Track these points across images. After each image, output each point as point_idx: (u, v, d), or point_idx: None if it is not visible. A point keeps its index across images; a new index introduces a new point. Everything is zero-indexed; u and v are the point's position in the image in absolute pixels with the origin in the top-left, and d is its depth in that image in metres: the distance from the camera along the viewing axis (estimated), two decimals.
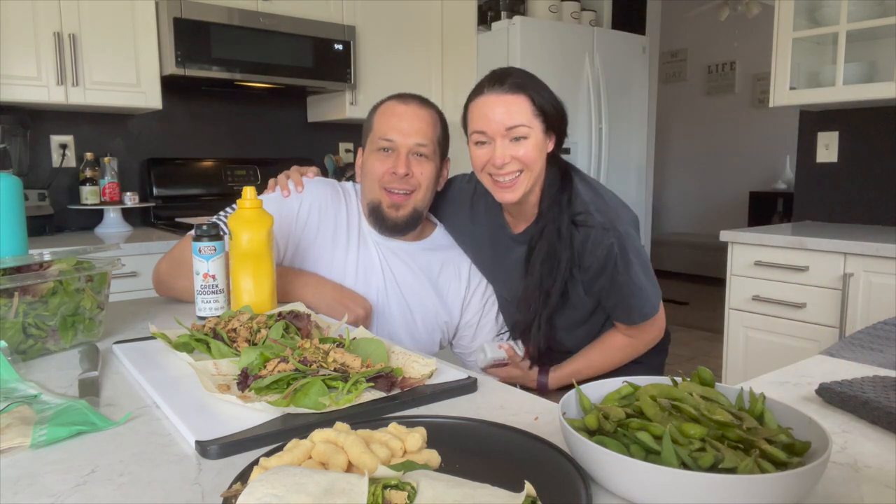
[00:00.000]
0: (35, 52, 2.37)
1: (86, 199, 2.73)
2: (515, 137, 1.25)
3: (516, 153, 1.25)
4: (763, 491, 0.50)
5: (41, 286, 0.97)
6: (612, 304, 1.35)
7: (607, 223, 1.28)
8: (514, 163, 1.26)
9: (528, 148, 1.25)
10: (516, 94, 1.25)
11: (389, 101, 1.42)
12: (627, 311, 1.34)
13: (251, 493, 0.46)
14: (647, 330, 1.39)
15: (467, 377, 0.87)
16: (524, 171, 1.27)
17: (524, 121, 1.24)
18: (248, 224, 1.15)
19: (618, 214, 1.30)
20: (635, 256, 1.29)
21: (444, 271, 1.48)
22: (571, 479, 0.56)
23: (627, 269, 1.28)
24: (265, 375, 0.79)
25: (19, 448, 0.68)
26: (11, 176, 1.11)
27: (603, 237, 1.27)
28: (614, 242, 1.27)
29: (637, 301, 1.32)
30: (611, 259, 1.27)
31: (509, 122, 1.24)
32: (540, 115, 1.26)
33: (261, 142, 3.31)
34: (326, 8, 3.02)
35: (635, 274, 1.29)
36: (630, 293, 1.31)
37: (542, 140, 1.27)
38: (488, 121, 1.25)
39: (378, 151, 1.38)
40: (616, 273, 1.28)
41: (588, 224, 1.28)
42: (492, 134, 1.26)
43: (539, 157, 1.28)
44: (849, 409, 0.77)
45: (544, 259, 1.31)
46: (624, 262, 1.28)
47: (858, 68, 2.59)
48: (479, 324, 1.51)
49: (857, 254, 2.27)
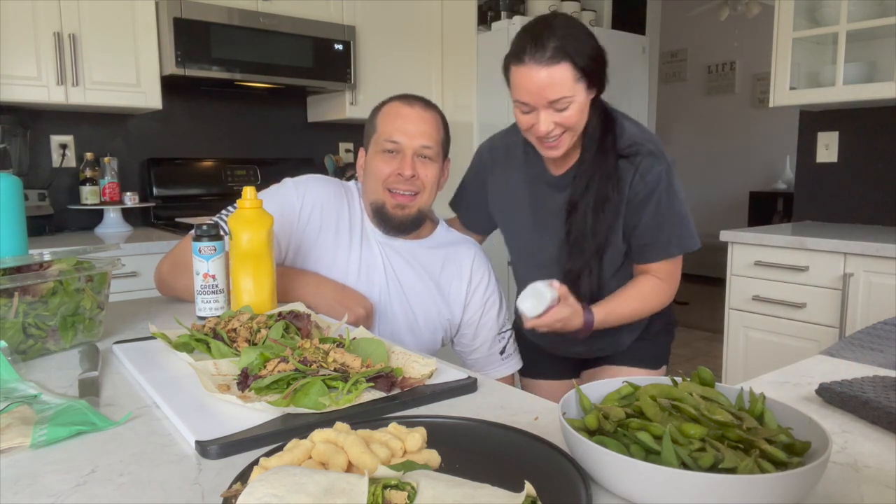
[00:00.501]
0: (35, 52, 2.37)
1: (86, 199, 2.73)
2: (559, 109, 1.25)
3: (559, 120, 1.26)
4: (763, 491, 0.50)
5: (41, 286, 0.97)
6: (650, 238, 1.35)
7: (657, 150, 1.32)
8: (557, 128, 1.27)
9: (571, 113, 1.26)
10: (558, 62, 1.22)
11: (393, 102, 1.42)
12: (665, 244, 1.35)
13: (251, 493, 0.46)
14: (676, 273, 1.41)
15: (467, 377, 0.87)
16: (567, 132, 1.29)
17: (567, 91, 1.24)
18: (248, 224, 1.15)
19: (663, 148, 1.35)
20: (679, 187, 1.34)
21: (446, 269, 1.48)
22: (571, 479, 0.56)
23: (673, 199, 1.32)
24: (265, 375, 0.79)
25: (19, 448, 0.68)
26: (11, 176, 1.11)
27: (654, 163, 1.31)
28: (663, 170, 1.31)
29: (679, 231, 1.35)
30: (660, 185, 1.31)
31: (552, 96, 1.24)
32: (583, 79, 1.25)
33: (261, 142, 3.31)
34: (326, 8, 3.02)
35: (680, 203, 1.34)
36: (673, 223, 1.34)
37: (584, 100, 1.28)
38: (530, 94, 1.25)
39: (383, 153, 1.38)
40: (661, 202, 1.32)
41: (639, 152, 1.31)
42: (534, 105, 1.26)
43: (582, 116, 1.29)
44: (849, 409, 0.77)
45: (595, 205, 1.32)
46: (670, 191, 1.32)
47: (858, 68, 2.59)
48: (479, 322, 1.51)
49: (857, 254, 2.27)
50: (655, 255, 1.37)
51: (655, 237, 1.35)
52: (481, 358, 1.53)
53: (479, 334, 1.51)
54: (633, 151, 1.32)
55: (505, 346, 1.54)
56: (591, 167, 1.33)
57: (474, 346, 1.52)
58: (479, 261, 1.51)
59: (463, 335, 1.53)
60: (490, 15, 3.60)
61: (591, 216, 1.33)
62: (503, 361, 1.54)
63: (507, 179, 1.51)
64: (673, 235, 1.35)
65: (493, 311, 1.52)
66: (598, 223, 1.34)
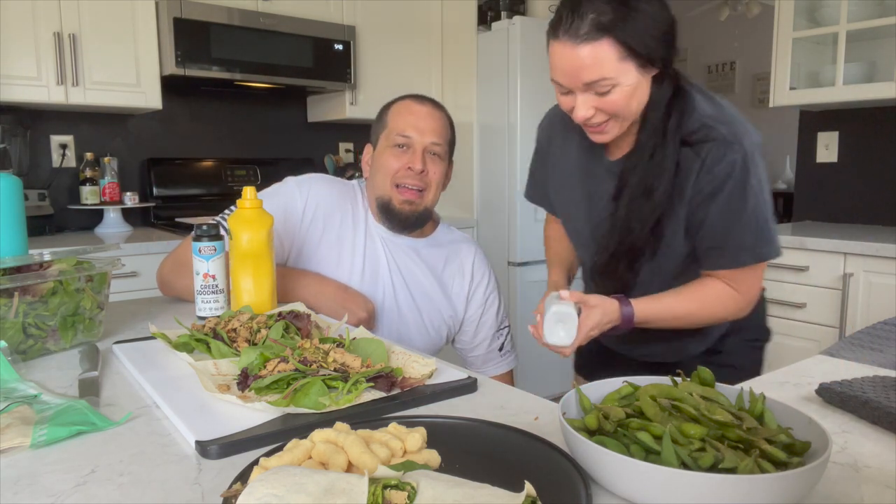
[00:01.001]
0: (35, 52, 2.37)
1: (86, 199, 2.73)
2: (599, 92, 1.06)
3: (600, 104, 1.07)
4: (763, 491, 0.50)
5: (41, 286, 0.97)
6: (717, 242, 1.13)
7: (731, 136, 1.08)
8: (599, 114, 1.08)
9: (615, 97, 1.06)
10: (597, 38, 1.01)
11: (404, 99, 1.44)
12: (735, 251, 1.12)
13: (251, 493, 0.46)
14: (751, 283, 1.17)
15: (467, 377, 0.87)
16: (612, 119, 1.09)
17: (607, 73, 1.03)
18: (248, 224, 1.15)
19: (745, 129, 1.10)
20: (757, 182, 1.10)
21: (449, 267, 1.50)
22: (571, 479, 0.56)
23: (746, 195, 1.09)
24: (265, 375, 0.79)
25: (19, 448, 0.68)
26: (11, 176, 1.11)
27: (725, 152, 1.08)
28: (738, 159, 1.07)
29: (753, 237, 1.11)
30: (731, 179, 1.08)
31: (589, 78, 1.04)
32: (632, 57, 1.03)
33: (261, 142, 3.31)
34: (326, 8, 3.02)
35: (756, 202, 1.10)
36: (746, 226, 1.10)
37: (634, 82, 1.06)
38: (564, 74, 1.06)
39: (393, 147, 1.39)
40: (732, 199, 1.09)
41: (708, 139, 1.09)
42: (569, 87, 1.08)
43: (630, 101, 1.08)
44: (849, 409, 0.77)
45: (635, 194, 1.13)
46: (744, 185, 1.08)
47: (858, 68, 2.59)
48: (480, 319, 1.53)
49: (857, 254, 2.27)
50: (723, 263, 1.15)
51: (723, 241, 1.13)
52: (481, 355, 1.54)
53: (480, 331, 1.53)
54: (700, 137, 1.10)
55: (503, 342, 1.56)
56: (642, 152, 1.13)
57: (475, 342, 1.54)
58: (480, 259, 1.54)
59: (464, 332, 1.54)
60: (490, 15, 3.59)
61: (626, 207, 1.14)
62: (502, 357, 1.56)
63: (564, 157, 1.32)
64: (745, 241, 1.11)
65: (493, 308, 1.54)
66: (634, 215, 1.13)
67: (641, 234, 1.15)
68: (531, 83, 3.18)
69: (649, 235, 1.15)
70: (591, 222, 1.28)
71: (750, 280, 1.17)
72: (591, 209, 1.27)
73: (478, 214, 3.46)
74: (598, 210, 1.24)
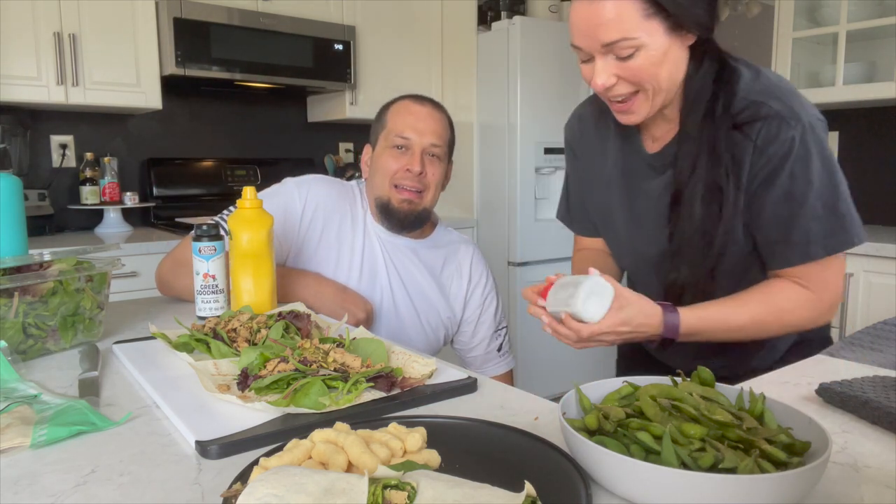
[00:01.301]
0: (35, 52, 2.37)
1: (86, 199, 2.73)
2: (620, 56, 0.93)
3: (621, 71, 0.94)
4: (763, 491, 0.50)
5: (41, 286, 0.97)
6: (780, 234, 0.98)
7: (785, 110, 0.95)
8: (622, 84, 0.95)
9: (639, 63, 0.93)
10: None
11: (404, 100, 1.44)
12: (803, 242, 0.96)
13: (251, 493, 0.46)
14: (828, 280, 0.99)
15: (467, 377, 0.87)
16: (640, 93, 0.96)
17: (629, 31, 0.90)
18: (248, 224, 1.15)
19: (802, 104, 0.97)
20: (822, 160, 0.95)
21: (447, 267, 1.50)
22: (571, 479, 0.56)
23: (810, 176, 0.94)
24: (265, 375, 0.79)
25: (19, 448, 0.68)
26: (11, 176, 1.11)
27: (780, 128, 0.94)
28: (795, 135, 0.94)
29: (822, 226, 0.95)
30: (790, 159, 0.94)
31: (606, 37, 0.91)
32: (658, 14, 0.90)
33: (261, 142, 3.31)
34: (326, 8, 3.02)
35: (823, 183, 0.95)
36: (813, 211, 0.95)
37: (662, 47, 0.93)
38: (580, 34, 0.94)
39: (392, 148, 1.39)
40: (794, 181, 0.95)
41: (758, 117, 0.96)
42: (588, 50, 0.95)
43: (658, 69, 0.94)
44: (849, 409, 0.77)
45: (704, 195, 0.98)
46: (806, 165, 0.94)
47: (858, 68, 2.59)
48: (479, 319, 1.53)
49: (858, 254, 2.27)
50: (789, 258, 0.99)
51: (787, 233, 0.97)
52: (480, 355, 1.55)
53: (478, 332, 1.53)
54: (748, 116, 0.96)
55: (502, 342, 1.56)
56: (696, 142, 0.98)
57: (473, 343, 1.54)
58: (478, 260, 1.54)
59: (462, 333, 1.54)
60: (490, 15, 3.59)
61: (699, 210, 0.99)
62: (501, 358, 1.56)
63: (596, 154, 1.18)
64: (813, 230, 0.95)
65: (490, 308, 1.54)
66: (708, 220, 0.99)
67: (714, 244, 0.99)
68: (531, 83, 3.18)
69: (720, 244, 1.00)
70: (633, 224, 1.14)
71: (825, 277, 0.99)
72: (631, 210, 1.13)
73: (478, 214, 3.46)
74: (639, 211, 1.11)
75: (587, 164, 1.22)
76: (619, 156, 1.13)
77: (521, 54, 3.15)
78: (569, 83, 3.25)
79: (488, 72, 3.35)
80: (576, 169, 1.26)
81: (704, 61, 0.98)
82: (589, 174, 1.22)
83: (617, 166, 1.14)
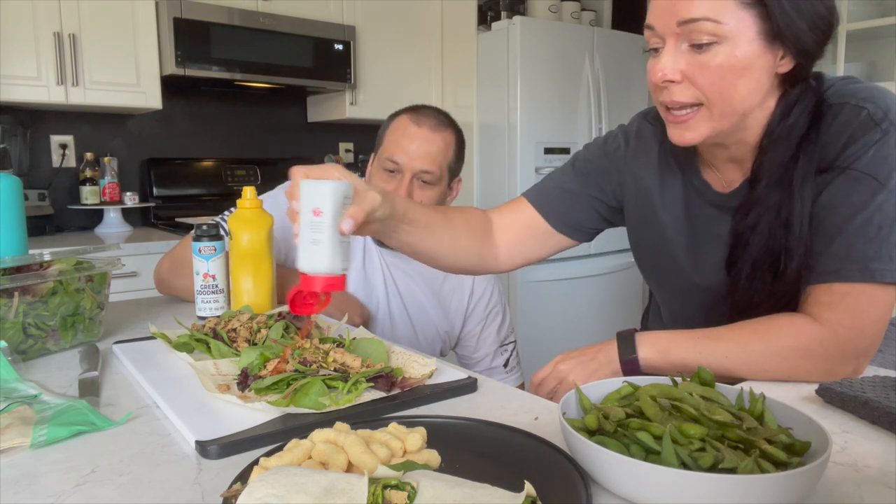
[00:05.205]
0: (35, 52, 2.37)
1: (86, 199, 2.73)
2: (696, 44, 0.78)
3: (691, 69, 0.79)
4: (763, 491, 0.50)
5: (41, 286, 0.97)
6: (822, 244, 0.82)
7: (876, 112, 0.80)
8: (686, 87, 0.81)
9: (717, 58, 0.78)
10: None
11: (404, 116, 1.38)
12: (842, 256, 0.80)
13: (251, 493, 0.46)
14: (856, 315, 0.81)
15: (467, 377, 0.87)
16: (704, 106, 0.82)
17: (715, 12, 0.76)
18: (248, 224, 1.15)
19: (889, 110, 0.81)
20: None
21: (448, 281, 1.47)
22: (571, 479, 0.56)
23: (875, 188, 0.79)
24: (265, 375, 0.79)
25: (19, 448, 0.68)
26: (11, 176, 1.11)
27: (867, 123, 0.80)
28: (872, 142, 0.79)
29: (868, 245, 0.79)
30: (860, 162, 0.79)
31: (686, 12, 0.77)
32: (757, 7, 0.77)
33: (261, 142, 3.31)
34: (326, 8, 3.02)
35: (891, 202, 0.79)
36: (865, 229, 0.79)
37: (749, 53, 0.78)
38: (657, 8, 0.81)
39: (382, 171, 1.36)
40: (857, 186, 0.79)
41: (841, 112, 0.82)
42: (660, 31, 0.81)
43: (736, 80, 0.79)
44: (849, 409, 0.77)
45: (756, 261, 0.86)
46: (876, 173, 0.79)
47: (858, 68, 2.59)
48: (480, 335, 1.50)
49: None
50: (819, 273, 0.82)
51: (828, 243, 0.81)
52: (484, 370, 1.52)
53: (481, 347, 1.51)
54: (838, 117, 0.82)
55: (509, 358, 1.53)
56: (773, 194, 0.84)
57: (476, 357, 1.52)
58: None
59: (464, 346, 1.52)
60: (490, 15, 3.60)
61: (746, 272, 0.87)
62: (507, 374, 1.53)
63: (653, 182, 1.02)
64: (856, 247, 0.79)
65: (494, 323, 1.51)
66: (757, 280, 0.87)
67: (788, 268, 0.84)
68: (531, 83, 3.18)
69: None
70: (694, 270, 0.99)
71: (854, 310, 0.80)
72: (695, 255, 0.98)
73: None
74: (707, 265, 0.97)
75: (631, 182, 1.05)
76: (682, 193, 0.99)
77: (522, 54, 3.15)
78: (569, 83, 3.25)
79: (488, 72, 3.35)
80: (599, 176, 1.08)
81: (801, 94, 0.84)
82: (635, 199, 1.05)
83: (677, 203, 0.99)
